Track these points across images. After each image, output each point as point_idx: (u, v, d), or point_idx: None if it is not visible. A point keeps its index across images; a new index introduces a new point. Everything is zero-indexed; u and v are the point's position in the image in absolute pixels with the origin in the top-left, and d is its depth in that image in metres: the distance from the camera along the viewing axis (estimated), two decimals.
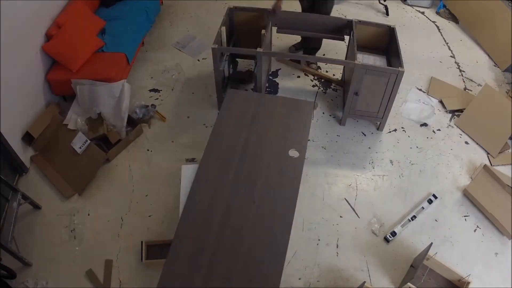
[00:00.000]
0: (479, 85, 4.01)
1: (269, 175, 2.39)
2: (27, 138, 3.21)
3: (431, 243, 2.57)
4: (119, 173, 3.21)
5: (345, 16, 4.50)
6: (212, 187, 2.32)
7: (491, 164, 3.33)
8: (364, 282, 2.40)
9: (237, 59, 3.89)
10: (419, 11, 4.96)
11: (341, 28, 3.50)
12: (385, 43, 3.52)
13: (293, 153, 2.48)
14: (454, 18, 4.84)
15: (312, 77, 4.00)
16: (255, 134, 2.59)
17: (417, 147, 3.46)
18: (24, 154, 3.17)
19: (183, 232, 2.15)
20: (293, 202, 2.28)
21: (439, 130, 3.61)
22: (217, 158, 2.47)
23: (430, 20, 4.84)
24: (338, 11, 4.81)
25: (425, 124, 3.63)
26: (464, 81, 4.08)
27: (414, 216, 2.96)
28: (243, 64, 4.00)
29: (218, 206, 2.23)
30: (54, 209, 2.97)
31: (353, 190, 3.14)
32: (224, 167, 2.41)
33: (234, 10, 3.50)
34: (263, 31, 3.29)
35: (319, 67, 4.03)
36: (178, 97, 3.79)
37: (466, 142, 3.52)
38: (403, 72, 3.03)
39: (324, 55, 4.15)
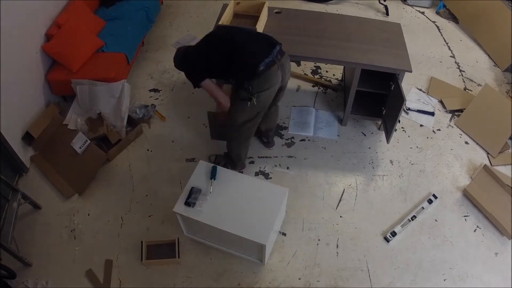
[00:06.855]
0: (479, 85, 4.01)
1: None
2: (27, 138, 3.21)
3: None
4: (119, 173, 3.21)
5: None
6: None
7: (491, 164, 3.33)
8: None
9: None
10: (419, 11, 4.96)
11: None
12: None
13: None
14: (454, 18, 4.84)
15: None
16: None
17: (417, 147, 3.46)
18: (24, 154, 3.17)
19: None
20: None
21: (439, 130, 3.61)
22: None
23: (430, 20, 4.85)
24: (338, 11, 4.81)
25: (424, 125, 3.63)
26: (464, 81, 4.08)
27: (414, 216, 2.96)
28: None
29: None
30: (54, 209, 2.98)
31: (353, 190, 3.14)
32: None
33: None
34: None
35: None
36: (178, 97, 3.79)
37: (466, 142, 3.52)
38: (404, 72, 3.03)
39: None
